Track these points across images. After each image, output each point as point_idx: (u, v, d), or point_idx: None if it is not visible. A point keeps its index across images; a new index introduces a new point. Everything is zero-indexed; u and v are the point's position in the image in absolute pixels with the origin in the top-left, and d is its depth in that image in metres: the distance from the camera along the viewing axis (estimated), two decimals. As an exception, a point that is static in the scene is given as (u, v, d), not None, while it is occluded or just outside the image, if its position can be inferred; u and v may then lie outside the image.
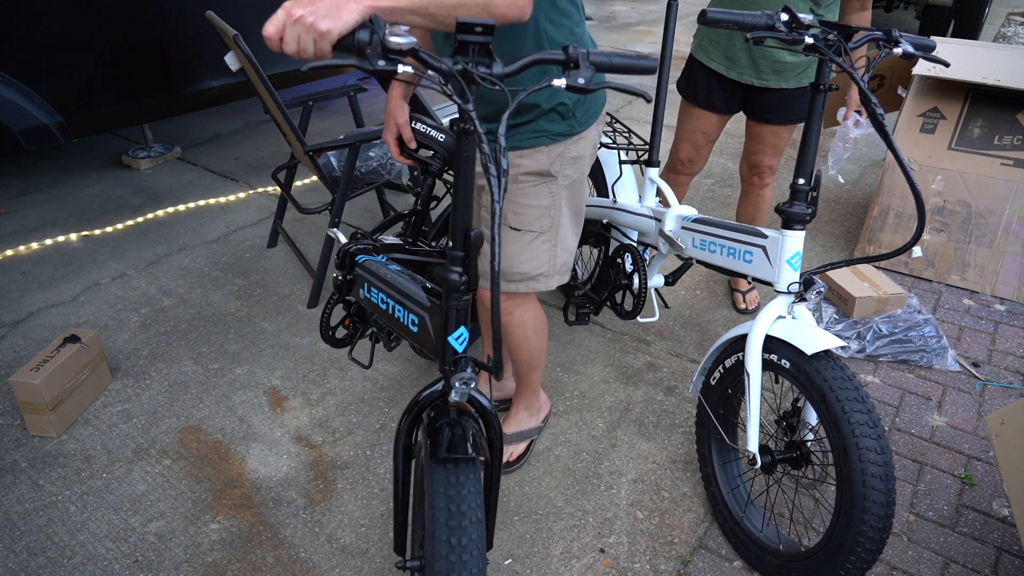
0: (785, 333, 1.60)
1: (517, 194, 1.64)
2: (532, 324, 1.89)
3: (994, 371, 2.51)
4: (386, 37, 1.01)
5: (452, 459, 1.21)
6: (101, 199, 3.64)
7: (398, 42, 1.01)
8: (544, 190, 1.64)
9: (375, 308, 1.77)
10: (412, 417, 1.32)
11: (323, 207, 2.78)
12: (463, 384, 1.21)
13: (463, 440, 1.23)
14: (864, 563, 1.52)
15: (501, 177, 1.03)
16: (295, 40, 1.02)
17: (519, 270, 1.71)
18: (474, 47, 1.07)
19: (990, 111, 3.03)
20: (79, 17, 3.04)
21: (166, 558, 1.81)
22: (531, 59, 1.10)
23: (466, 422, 1.27)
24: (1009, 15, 5.63)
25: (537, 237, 1.68)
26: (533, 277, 1.73)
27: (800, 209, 1.63)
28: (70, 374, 2.19)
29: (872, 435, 1.47)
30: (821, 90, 1.58)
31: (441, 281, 1.25)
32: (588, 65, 1.08)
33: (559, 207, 1.67)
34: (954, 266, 3.00)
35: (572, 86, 1.07)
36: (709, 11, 1.52)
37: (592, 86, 1.07)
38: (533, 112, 1.56)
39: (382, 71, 1.01)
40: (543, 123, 1.57)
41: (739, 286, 2.88)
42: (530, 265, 1.71)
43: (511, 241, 1.68)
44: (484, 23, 1.04)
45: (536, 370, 2.02)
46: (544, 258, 1.72)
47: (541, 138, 1.59)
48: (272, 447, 2.15)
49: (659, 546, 1.87)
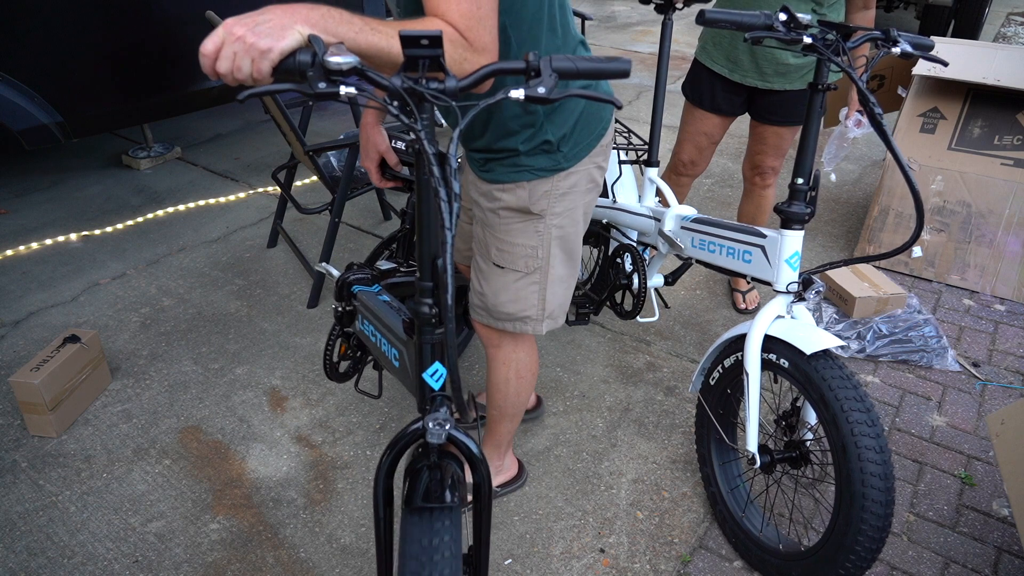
0: (784, 333, 1.60)
1: (500, 230, 1.53)
2: (516, 366, 1.74)
3: (994, 371, 2.51)
4: (326, 57, 0.94)
5: (427, 508, 1.12)
6: (101, 199, 3.64)
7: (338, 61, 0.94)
8: (530, 228, 1.52)
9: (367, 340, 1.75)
10: (391, 458, 1.21)
11: (323, 207, 2.79)
12: (437, 425, 1.12)
13: (440, 486, 1.14)
14: (864, 562, 1.52)
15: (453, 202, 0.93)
16: (230, 59, 0.96)
17: (503, 309, 1.60)
18: (423, 62, 1.00)
19: (990, 111, 3.03)
20: (79, 17, 3.04)
21: (166, 558, 1.81)
22: (487, 71, 1.02)
23: (447, 465, 1.17)
24: (1009, 15, 5.63)
25: (523, 277, 1.57)
26: (520, 319, 1.61)
27: (799, 209, 1.64)
28: (70, 374, 2.19)
29: (871, 434, 1.47)
30: (820, 90, 1.58)
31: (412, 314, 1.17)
32: (551, 73, 1.00)
33: (547, 247, 1.54)
34: (954, 266, 3.00)
35: (531, 96, 0.99)
36: (707, 11, 1.52)
37: (554, 95, 0.99)
38: (511, 151, 1.46)
39: (323, 94, 0.95)
40: (523, 159, 1.46)
41: (739, 286, 2.88)
42: (515, 306, 1.60)
43: (495, 278, 1.58)
44: (430, 35, 0.96)
45: (506, 421, 1.84)
46: (532, 300, 1.59)
47: (521, 173, 1.47)
48: (272, 447, 2.15)
49: (659, 546, 1.87)
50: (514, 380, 1.75)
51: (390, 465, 1.21)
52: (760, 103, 2.37)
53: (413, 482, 1.15)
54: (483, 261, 1.59)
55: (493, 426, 1.87)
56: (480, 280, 1.62)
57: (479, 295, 1.63)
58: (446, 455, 1.19)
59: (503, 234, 1.53)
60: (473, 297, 1.66)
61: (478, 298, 1.64)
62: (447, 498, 1.12)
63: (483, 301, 1.62)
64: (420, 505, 1.12)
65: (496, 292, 1.59)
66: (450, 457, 1.20)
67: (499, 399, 1.79)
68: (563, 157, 1.47)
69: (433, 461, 1.17)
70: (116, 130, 4.17)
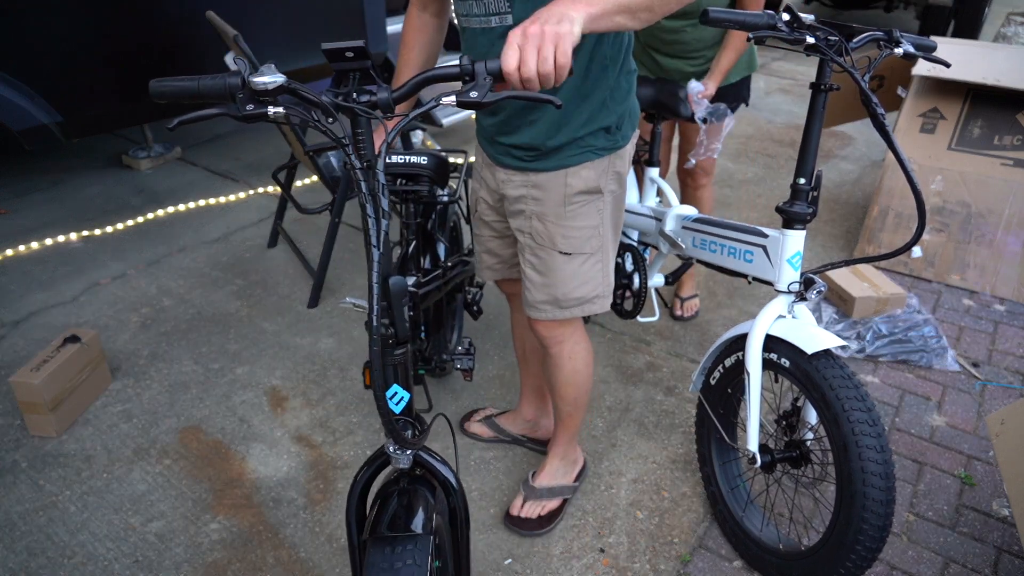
0: (785, 332, 1.60)
1: (567, 217, 1.54)
2: (582, 356, 1.76)
3: (994, 371, 2.51)
4: (250, 78, 0.92)
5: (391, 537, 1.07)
6: (101, 199, 3.64)
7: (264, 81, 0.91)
8: (592, 208, 1.56)
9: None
10: (363, 482, 1.17)
11: (323, 207, 2.78)
12: (397, 450, 1.08)
13: (407, 514, 1.09)
14: (864, 561, 1.52)
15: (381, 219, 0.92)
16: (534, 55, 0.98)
17: (574, 295, 1.61)
18: (354, 75, 0.98)
19: (990, 111, 3.03)
20: (79, 17, 3.04)
21: (166, 558, 1.81)
22: (420, 78, 1.01)
23: (416, 492, 1.13)
24: (1009, 15, 5.63)
25: (588, 259, 1.59)
26: (589, 300, 1.63)
27: (801, 208, 1.63)
28: (70, 374, 2.19)
29: (872, 433, 1.47)
30: (822, 90, 1.58)
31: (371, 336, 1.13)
32: (485, 76, 0.98)
33: (606, 225, 1.60)
34: (954, 266, 3.00)
35: (464, 102, 0.97)
36: (711, 10, 1.52)
37: (486, 99, 0.97)
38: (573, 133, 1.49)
39: (251, 116, 0.93)
40: (588, 139, 1.50)
41: (681, 292, 2.80)
42: (585, 288, 1.61)
43: (562, 267, 1.58)
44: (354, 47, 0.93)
45: (580, 412, 1.87)
46: (598, 279, 1.62)
47: (586, 153, 1.51)
48: (272, 447, 2.15)
49: (659, 546, 1.87)
50: (583, 369, 1.78)
51: (362, 489, 1.18)
52: None
53: (380, 509, 1.11)
54: (545, 254, 1.58)
55: (568, 421, 1.88)
56: (542, 274, 1.60)
57: (544, 289, 1.61)
58: (417, 480, 1.15)
59: (569, 220, 1.55)
60: (535, 294, 1.62)
61: (542, 293, 1.61)
62: (413, 526, 1.07)
63: (550, 294, 1.61)
64: (383, 534, 1.07)
65: (565, 281, 1.59)
66: (421, 482, 1.15)
67: (572, 393, 1.80)
68: (621, 136, 1.54)
69: (403, 487, 1.13)
70: (116, 130, 4.18)
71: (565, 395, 1.81)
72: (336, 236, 2.78)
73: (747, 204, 3.69)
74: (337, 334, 2.65)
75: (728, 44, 2.20)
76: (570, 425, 1.90)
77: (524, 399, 2.13)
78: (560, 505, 1.93)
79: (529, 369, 2.05)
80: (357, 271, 3.05)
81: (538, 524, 1.89)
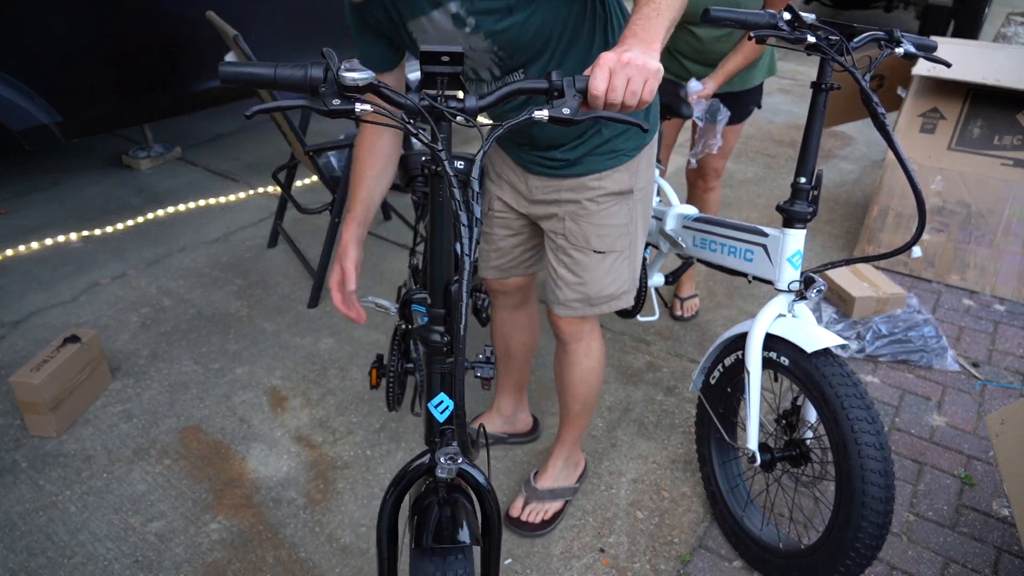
0: (785, 331, 1.60)
1: (599, 216, 1.56)
2: (597, 354, 1.78)
3: (994, 371, 2.51)
4: (340, 73, 0.91)
5: (439, 548, 1.05)
6: (101, 199, 3.64)
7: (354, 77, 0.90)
8: (624, 207, 1.57)
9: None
10: (397, 493, 1.15)
11: (323, 207, 2.78)
12: (449, 460, 1.06)
13: (452, 525, 1.07)
14: (864, 560, 1.52)
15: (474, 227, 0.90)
16: (623, 83, 0.98)
17: (605, 292, 1.64)
18: (442, 79, 0.96)
19: (990, 111, 3.03)
20: (79, 17, 3.04)
21: (166, 558, 1.81)
22: (509, 90, 1.00)
23: (457, 501, 1.11)
24: (1009, 15, 5.63)
25: (619, 256, 1.61)
26: (617, 296, 1.66)
27: (801, 208, 1.64)
28: (70, 374, 2.19)
29: (871, 431, 1.47)
30: (823, 89, 1.58)
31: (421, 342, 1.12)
32: (574, 94, 0.98)
33: (636, 222, 1.61)
34: (954, 266, 3.00)
35: (555, 117, 0.96)
36: (713, 9, 1.52)
37: (579, 117, 0.96)
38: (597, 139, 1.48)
39: (337, 111, 0.92)
40: (617, 142, 1.50)
41: (680, 292, 2.81)
42: (615, 286, 1.64)
43: (595, 265, 1.60)
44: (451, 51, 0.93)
45: (589, 412, 1.87)
46: (626, 275, 1.65)
47: (619, 157, 1.51)
48: (272, 447, 2.15)
49: (659, 546, 1.87)
50: (597, 368, 1.78)
51: (395, 501, 1.15)
52: None
53: (422, 520, 1.09)
54: (579, 253, 1.59)
55: (576, 421, 1.87)
56: (575, 273, 1.62)
57: (576, 287, 1.62)
58: (454, 489, 1.14)
59: (603, 219, 1.56)
60: (567, 293, 1.63)
61: (574, 291, 1.63)
62: (460, 537, 1.06)
63: (583, 292, 1.63)
64: (431, 546, 1.05)
65: (599, 279, 1.61)
66: (458, 491, 1.14)
67: (584, 392, 1.80)
68: (648, 133, 1.54)
69: (443, 497, 1.12)
70: (116, 130, 4.18)
71: (577, 393, 1.81)
72: (336, 236, 2.78)
73: (747, 204, 3.69)
74: (337, 334, 2.65)
75: (739, 49, 2.19)
76: (577, 425, 1.89)
77: (503, 395, 2.13)
78: (562, 507, 1.93)
79: (510, 364, 2.05)
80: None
81: (540, 526, 1.89)
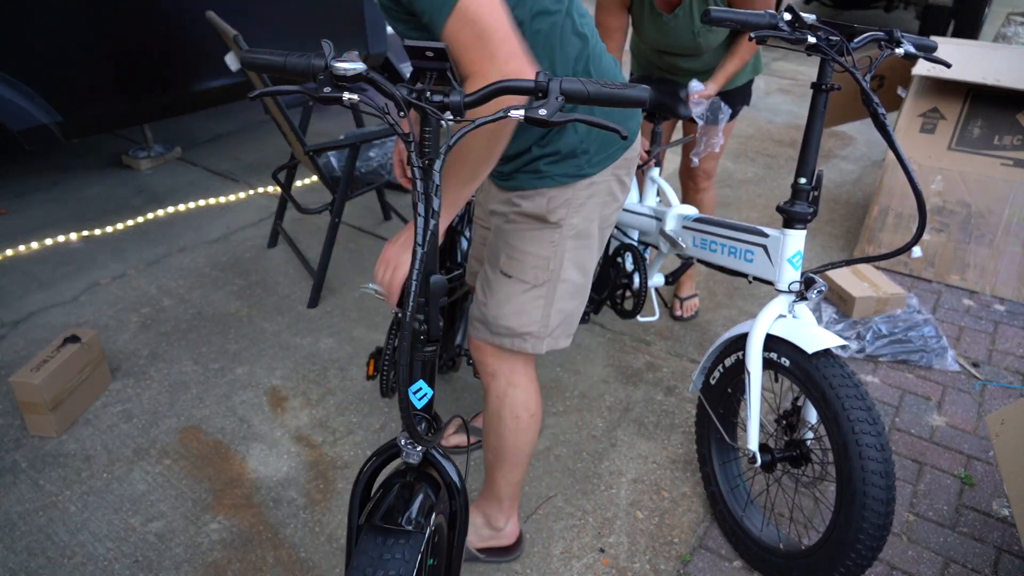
0: (786, 332, 1.60)
1: (513, 236, 1.46)
2: (513, 404, 1.57)
3: (994, 371, 2.51)
4: (333, 63, 0.96)
5: (383, 528, 1.06)
6: (101, 199, 3.64)
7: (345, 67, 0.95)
8: (544, 237, 1.44)
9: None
10: (371, 469, 1.18)
11: (323, 207, 2.79)
12: (409, 443, 1.09)
13: (404, 509, 1.08)
14: (864, 560, 1.52)
15: (429, 219, 0.92)
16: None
17: (504, 323, 1.50)
18: (430, 74, 0.97)
19: (990, 111, 3.03)
20: (79, 17, 3.04)
21: (166, 558, 1.81)
22: (494, 88, 1.00)
23: (417, 488, 1.12)
24: (1009, 15, 5.63)
25: (530, 290, 1.47)
26: (520, 335, 1.50)
27: (801, 208, 1.64)
28: (70, 374, 2.19)
29: (872, 432, 1.48)
30: (823, 90, 1.58)
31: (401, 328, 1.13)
32: (558, 95, 0.96)
33: (560, 260, 1.46)
34: (954, 266, 3.00)
35: (531, 118, 0.95)
36: (713, 10, 1.52)
37: (554, 119, 0.95)
38: (526, 155, 1.40)
39: (327, 98, 0.97)
40: (542, 163, 1.40)
41: (680, 292, 2.80)
42: (517, 320, 1.49)
43: (500, 287, 1.49)
44: (435, 47, 0.94)
45: (503, 469, 1.65)
46: (535, 316, 1.49)
47: (543, 179, 1.41)
48: (272, 447, 2.15)
49: (659, 546, 1.87)
50: (509, 420, 1.58)
51: (371, 475, 1.18)
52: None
53: (381, 498, 1.11)
54: (490, 270, 1.51)
55: (489, 473, 1.69)
56: (484, 290, 1.53)
57: (480, 306, 1.53)
58: (424, 477, 1.15)
59: (516, 240, 1.46)
60: (474, 309, 1.56)
61: (479, 310, 1.54)
62: (405, 522, 1.07)
63: (483, 313, 1.52)
64: (378, 524, 1.06)
65: (500, 303, 1.49)
66: (427, 480, 1.15)
67: (492, 439, 1.63)
68: (587, 163, 1.41)
69: (408, 481, 1.13)
70: (116, 130, 4.18)
71: (486, 441, 1.65)
72: (336, 236, 2.78)
73: (747, 204, 3.69)
74: (337, 334, 2.65)
75: (736, 52, 2.19)
76: (492, 480, 1.69)
77: None
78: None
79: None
80: (357, 271, 3.05)
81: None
